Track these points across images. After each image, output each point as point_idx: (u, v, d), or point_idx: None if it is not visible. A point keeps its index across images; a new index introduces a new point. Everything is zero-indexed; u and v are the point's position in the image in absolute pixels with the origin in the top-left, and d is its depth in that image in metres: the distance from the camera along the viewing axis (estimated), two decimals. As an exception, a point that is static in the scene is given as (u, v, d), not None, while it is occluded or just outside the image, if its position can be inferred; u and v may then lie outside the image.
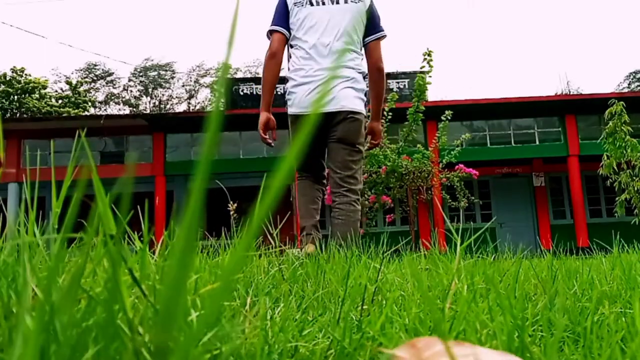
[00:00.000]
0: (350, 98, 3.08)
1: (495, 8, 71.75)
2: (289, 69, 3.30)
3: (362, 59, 3.24)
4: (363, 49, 3.24)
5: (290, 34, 3.22)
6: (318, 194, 3.22)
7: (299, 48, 3.20)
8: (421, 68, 11.70)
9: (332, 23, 3.09)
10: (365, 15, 3.12)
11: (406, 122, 11.85)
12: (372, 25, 3.18)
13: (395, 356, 0.63)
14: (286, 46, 3.27)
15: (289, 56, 3.29)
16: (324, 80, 3.03)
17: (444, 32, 70.28)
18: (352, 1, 3.12)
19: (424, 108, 11.62)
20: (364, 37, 3.19)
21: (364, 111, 3.17)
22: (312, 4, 3.13)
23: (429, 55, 11.46)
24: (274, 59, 3.21)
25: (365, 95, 3.23)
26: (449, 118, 12.07)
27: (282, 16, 3.22)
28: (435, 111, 12.87)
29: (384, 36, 3.24)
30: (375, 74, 3.24)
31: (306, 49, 3.15)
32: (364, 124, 3.17)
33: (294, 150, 0.34)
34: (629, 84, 40.09)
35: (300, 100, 3.14)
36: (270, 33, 3.26)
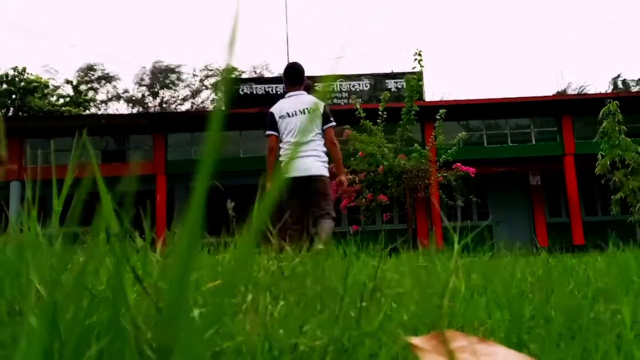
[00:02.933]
0: (319, 167, 5.05)
1: (492, 8, 71.78)
2: (279, 156, 5.27)
3: (322, 142, 5.23)
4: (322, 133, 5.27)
5: (279, 133, 5.22)
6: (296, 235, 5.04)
7: (285, 143, 5.18)
8: (412, 68, 11.70)
9: (301, 124, 5.04)
10: (322, 115, 5.06)
11: (401, 122, 11.85)
12: (325, 120, 5.13)
13: (416, 347, 0.64)
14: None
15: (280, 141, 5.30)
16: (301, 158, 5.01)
17: (441, 31, 70.31)
18: (313, 110, 4.89)
19: (417, 108, 11.61)
20: (322, 126, 5.15)
21: (327, 174, 5.14)
22: (289, 116, 5.13)
23: (419, 55, 11.47)
24: (272, 153, 5.28)
25: (328, 162, 5.21)
26: (443, 117, 12.09)
27: (273, 125, 5.23)
28: (432, 111, 12.86)
29: (333, 125, 5.19)
30: (331, 147, 5.19)
31: (287, 142, 5.12)
32: (328, 181, 5.15)
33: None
34: (613, 89, 40.10)
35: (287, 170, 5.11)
36: (267, 136, 5.28)
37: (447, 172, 12.37)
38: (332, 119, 5.16)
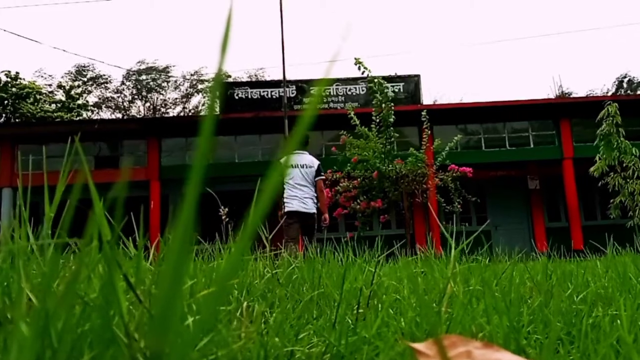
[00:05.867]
0: (311, 206, 7.05)
1: (490, 11, 72.04)
2: (283, 195, 7.04)
3: (314, 190, 7.22)
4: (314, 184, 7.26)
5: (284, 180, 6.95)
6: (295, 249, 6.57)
7: (288, 185, 6.99)
8: (362, 73, 11.67)
9: (300, 175, 7.02)
10: (315, 170, 7.11)
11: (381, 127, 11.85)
12: (317, 174, 7.12)
13: (418, 351, 0.63)
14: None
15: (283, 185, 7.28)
16: (298, 198, 6.98)
17: (439, 35, 70.51)
18: (309, 167, 7.11)
19: (392, 111, 11.58)
20: (314, 178, 7.09)
21: (316, 211, 7.08)
22: (293, 167, 7.00)
23: (360, 62, 11.49)
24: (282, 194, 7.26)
25: (317, 203, 7.16)
26: (428, 117, 12.11)
27: None
28: (429, 115, 12.87)
29: (323, 178, 7.32)
30: (319, 194, 7.17)
31: (290, 186, 6.98)
32: (316, 216, 7.11)
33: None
34: (616, 89, 40.09)
35: (293, 205, 6.95)
36: None
37: (444, 175, 12.37)
38: (322, 173, 7.37)
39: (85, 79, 40.31)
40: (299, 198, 7.02)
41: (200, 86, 41.59)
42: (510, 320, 0.86)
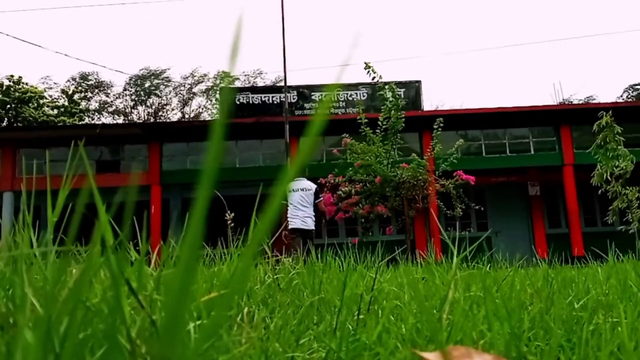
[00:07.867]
0: (310, 224, 8.41)
1: (491, 16, 72.20)
2: (287, 213, 8.44)
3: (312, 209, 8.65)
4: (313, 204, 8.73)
5: (287, 202, 8.37)
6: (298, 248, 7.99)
7: (290, 207, 8.35)
8: (372, 79, 11.67)
9: (300, 198, 8.37)
10: (314, 193, 8.51)
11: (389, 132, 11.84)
12: (316, 196, 8.49)
13: None
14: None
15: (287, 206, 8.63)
16: (299, 217, 8.35)
17: (439, 42, 70.62)
18: (308, 190, 8.48)
19: (401, 118, 11.57)
20: (314, 201, 8.48)
21: (314, 227, 8.51)
22: (294, 191, 8.34)
23: (369, 67, 11.51)
24: (284, 214, 8.48)
25: (315, 219, 8.61)
26: (442, 125, 12.10)
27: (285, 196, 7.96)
28: (430, 121, 12.88)
29: (321, 200, 8.66)
30: (320, 213, 8.61)
31: (292, 207, 8.33)
32: (313, 231, 8.53)
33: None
34: (625, 97, 40.04)
35: (295, 224, 8.26)
36: None
37: (447, 181, 12.36)
38: (320, 195, 8.75)
39: (88, 85, 40.44)
40: (300, 217, 8.41)
41: (198, 88, 41.68)
42: (511, 327, 0.86)
